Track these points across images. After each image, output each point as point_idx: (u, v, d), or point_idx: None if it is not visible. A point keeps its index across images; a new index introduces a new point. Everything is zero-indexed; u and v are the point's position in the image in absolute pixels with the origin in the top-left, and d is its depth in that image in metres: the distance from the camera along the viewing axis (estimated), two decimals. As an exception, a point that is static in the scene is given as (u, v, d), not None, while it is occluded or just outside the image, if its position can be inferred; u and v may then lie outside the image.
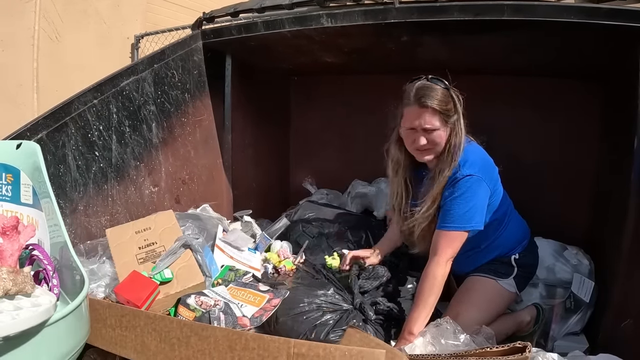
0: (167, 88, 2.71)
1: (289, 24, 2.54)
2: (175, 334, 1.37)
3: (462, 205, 2.12)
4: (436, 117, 2.13)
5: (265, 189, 3.65)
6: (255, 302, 2.04)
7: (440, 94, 2.14)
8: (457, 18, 2.20)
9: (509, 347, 1.10)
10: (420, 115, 2.14)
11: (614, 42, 2.19)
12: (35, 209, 1.49)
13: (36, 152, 1.54)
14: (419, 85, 2.18)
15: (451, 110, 2.17)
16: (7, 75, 5.29)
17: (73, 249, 1.34)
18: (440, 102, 2.12)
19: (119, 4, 6.32)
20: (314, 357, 1.19)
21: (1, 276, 1.10)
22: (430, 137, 2.17)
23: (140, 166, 2.57)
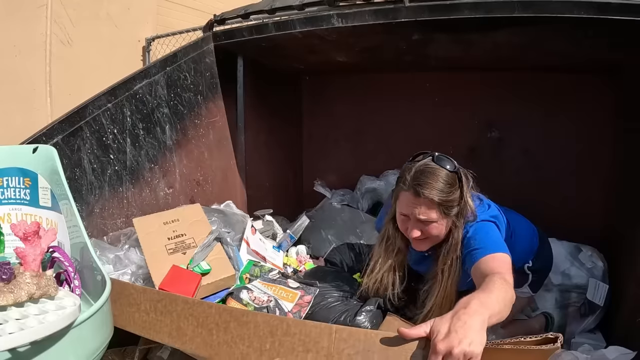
0: (180, 90, 2.73)
1: (299, 24, 2.55)
2: (213, 319, 1.37)
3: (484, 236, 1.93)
4: (434, 210, 1.90)
5: (279, 188, 3.67)
6: (288, 298, 2.10)
7: (443, 181, 1.90)
8: (468, 16, 2.19)
9: (542, 337, 1.11)
10: (415, 204, 1.93)
11: (626, 37, 2.18)
12: (54, 212, 1.51)
13: (53, 155, 1.56)
14: (418, 168, 1.95)
15: (454, 200, 1.93)
16: (21, 80, 5.32)
17: (93, 250, 1.36)
18: (440, 193, 1.89)
19: (130, 7, 6.35)
20: (355, 342, 1.19)
21: (25, 280, 1.12)
22: (425, 228, 1.95)
23: (155, 168, 2.59)
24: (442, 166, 1.92)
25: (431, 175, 1.90)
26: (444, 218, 1.93)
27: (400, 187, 1.98)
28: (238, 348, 1.31)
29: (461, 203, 1.93)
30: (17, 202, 1.51)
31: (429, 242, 2.01)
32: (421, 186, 1.88)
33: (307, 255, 2.76)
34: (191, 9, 7.29)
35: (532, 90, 3.04)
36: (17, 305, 1.10)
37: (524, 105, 3.08)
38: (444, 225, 1.95)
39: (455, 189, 1.92)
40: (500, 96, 3.11)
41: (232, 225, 2.56)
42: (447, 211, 1.91)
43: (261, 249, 2.56)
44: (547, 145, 3.02)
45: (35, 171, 1.54)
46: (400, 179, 2.01)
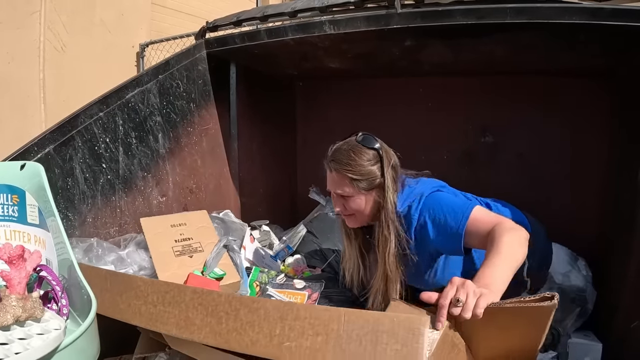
0: (172, 98, 2.72)
1: (291, 31, 2.55)
2: (223, 307, 1.36)
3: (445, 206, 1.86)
4: (346, 184, 1.95)
5: (273, 195, 3.66)
6: (297, 301, 2.12)
7: (356, 156, 1.94)
8: (461, 22, 2.18)
9: (540, 296, 1.14)
10: (331, 180, 2.03)
11: (619, 42, 2.18)
12: (42, 229, 1.50)
13: (40, 172, 1.55)
14: (337, 146, 2.04)
15: (370, 175, 1.94)
16: (14, 86, 5.30)
17: (79, 268, 1.35)
18: (351, 167, 1.93)
19: (124, 13, 6.34)
20: (364, 323, 1.20)
21: (11, 304, 1.12)
22: (346, 203, 2.00)
23: (148, 177, 2.58)
24: (362, 144, 1.98)
25: (345, 151, 1.97)
26: (361, 193, 1.96)
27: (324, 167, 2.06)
28: (247, 335, 1.30)
29: (381, 179, 1.94)
30: (5, 219, 1.50)
31: (357, 218, 2.04)
32: (334, 162, 1.98)
33: (304, 265, 2.75)
34: (185, 15, 7.29)
35: (526, 95, 3.04)
36: (3, 329, 1.09)
37: (518, 109, 3.07)
38: (364, 200, 1.97)
39: (371, 163, 1.95)
40: (494, 101, 3.11)
41: (232, 233, 2.56)
42: (362, 185, 1.94)
43: (258, 258, 2.57)
44: (542, 150, 3.02)
45: (22, 188, 1.53)
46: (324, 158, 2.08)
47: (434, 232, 1.86)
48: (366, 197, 1.97)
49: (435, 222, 1.86)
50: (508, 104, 3.09)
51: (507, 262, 1.45)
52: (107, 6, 6.14)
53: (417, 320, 1.20)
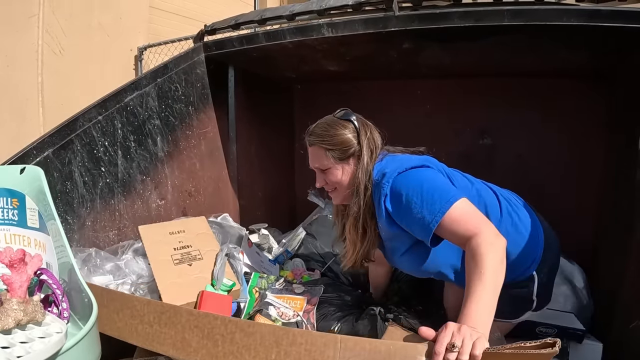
0: (171, 102, 2.72)
1: (290, 34, 2.56)
2: (219, 330, 1.36)
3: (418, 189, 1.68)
4: (322, 155, 1.94)
5: (272, 198, 3.66)
6: (297, 307, 2.12)
7: (330, 127, 1.95)
8: (458, 24, 2.19)
9: (541, 342, 1.12)
10: (310, 155, 2.02)
11: (616, 43, 2.19)
12: (42, 233, 1.51)
13: (39, 176, 1.55)
14: (315, 123, 2.04)
15: (345, 143, 1.92)
16: (13, 90, 5.30)
17: (79, 271, 1.35)
18: (326, 137, 1.94)
19: (122, 17, 6.34)
20: (360, 350, 1.20)
21: (12, 307, 1.12)
22: (326, 177, 1.98)
23: (147, 180, 2.58)
24: (338, 117, 2.01)
25: (321, 125, 1.99)
26: (337, 164, 1.94)
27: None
28: (244, 358, 1.30)
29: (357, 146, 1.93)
30: (5, 223, 1.50)
31: (339, 193, 2.00)
32: (311, 135, 1.99)
33: (303, 269, 2.75)
34: (183, 18, 7.30)
35: (523, 97, 3.04)
36: (4, 332, 1.09)
37: (516, 111, 3.08)
38: (340, 171, 1.95)
39: (345, 133, 1.93)
40: (492, 103, 3.11)
41: (230, 237, 2.56)
42: (335, 155, 1.92)
43: (257, 262, 2.56)
44: (540, 151, 3.02)
45: (22, 192, 1.53)
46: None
47: (404, 213, 1.71)
48: (343, 168, 1.94)
49: (408, 203, 1.68)
50: (506, 106, 3.10)
51: (491, 291, 1.39)
52: (105, 10, 6.14)
53: (414, 348, 1.21)
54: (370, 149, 1.94)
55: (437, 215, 1.60)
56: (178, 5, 7.31)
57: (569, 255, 2.66)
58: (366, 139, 1.94)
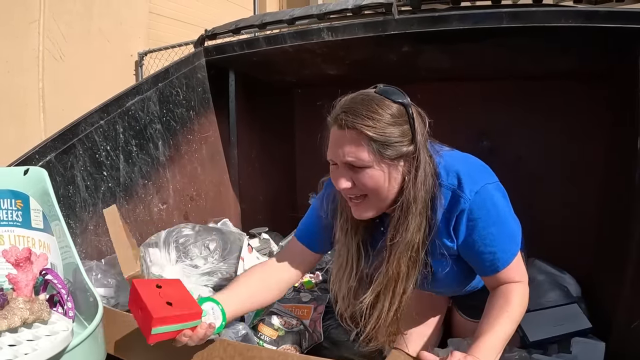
0: (172, 106, 2.74)
1: (290, 38, 2.57)
2: (218, 353, 1.35)
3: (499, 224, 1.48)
4: (363, 147, 1.38)
5: (273, 202, 3.67)
6: (304, 315, 2.10)
7: (379, 110, 1.38)
8: (457, 27, 2.20)
9: None
10: (340, 141, 1.42)
11: (614, 44, 2.20)
12: (47, 233, 1.52)
13: (43, 177, 1.56)
14: (351, 95, 1.49)
15: (398, 138, 1.39)
16: (14, 95, 5.32)
17: (84, 271, 1.36)
18: (373, 122, 1.36)
19: (122, 22, 6.37)
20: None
21: (18, 306, 1.13)
22: (357, 177, 1.42)
23: (148, 184, 2.59)
24: (385, 95, 1.44)
25: (363, 101, 1.42)
26: (382, 162, 1.40)
27: (327, 124, 1.51)
28: None
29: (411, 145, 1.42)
30: (9, 224, 1.51)
31: (369, 203, 1.48)
32: (346, 113, 1.39)
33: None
34: (182, 23, 7.33)
35: (523, 98, 3.05)
36: (11, 331, 1.11)
37: (515, 113, 3.09)
38: (384, 174, 1.42)
39: (400, 122, 1.41)
40: (491, 105, 3.12)
41: (230, 242, 2.56)
42: (384, 151, 1.38)
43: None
44: (540, 154, 3.03)
45: (26, 193, 1.55)
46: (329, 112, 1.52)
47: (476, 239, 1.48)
48: (388, 171, 1.42)
49: (484, 231, 1.47)
50: (505, 108, 3.10)
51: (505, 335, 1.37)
52: (105, 15, 6.17)
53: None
54: (428, 150, 1.50)
55: (509, 259, 1.49)
56: (177, 11, 7.34)
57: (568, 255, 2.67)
58: (423, 137, 1.46)
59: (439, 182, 1.47)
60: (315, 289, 2.45)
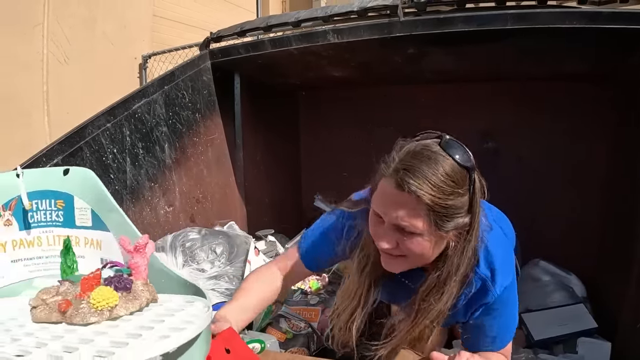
0: (178, 109, 2.74)
1: (295, 41, 2.57)
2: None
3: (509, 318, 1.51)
4: (420, 216, 1.25)
5: (278, 205, 3.67)
6: (312, 317, 2.10)
7: (443, 174, 1.24)
8: (462, 29, 2.21)
9: None
10: (395, 202, 1.27)
11: (618, 45, 2.20)
12: (97, 230, 1.52)
13: (90, 176, 1.57)
14: (413, 147, 1.30)
15: (456, 209, 1.27)
16: (18, 99, 5.33)
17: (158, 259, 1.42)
18: (435, 190, 1.22)
19: (126, 25, 6.38)
20: None
21: (139, 289, 1.20)
22: (403, 241, 1.30)
23: (155, 187, 2.60)
24: (450, 154, 1.27)
25: (428, 161, 1.25)
26: (434, 233, 1.28)
27: (381, 172, 1.33)
28: None
29: (468, 217, 1.31)
30: (48, 225, 1.52)
31: (406, 263, 1.38)
32: (409, 173, 1.23)
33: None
34: (186, 26, 7.34)
35: (527, 100, 3.05)
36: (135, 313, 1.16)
37: (520, 114, 3.09)
38: (432, 243, 1.31)
39: (461, 192, 1.27)
40: (495, 106, 3.12)
41: (237, 245, 2.56)
42: (441, 223, 1.26)
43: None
44: (544, 155, 3.04)
45: (70, 193, 1.55)
46: (385, 160, 1.36)
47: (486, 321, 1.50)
48: (436, 241, 1.32)
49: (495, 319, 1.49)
50: (510, 109, 3.11)
51: None
52: (109, 18, 6.19)
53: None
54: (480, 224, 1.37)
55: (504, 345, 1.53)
56: (181, 14, 7.36)
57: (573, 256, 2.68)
58: (480, 208, 1.35)
59: (475, 267, 1.42)
60: (322, 291, 2.45)
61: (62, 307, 1.11)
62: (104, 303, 1.09)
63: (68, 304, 1.12)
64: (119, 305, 1.12)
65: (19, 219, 1.52)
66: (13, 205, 1.51)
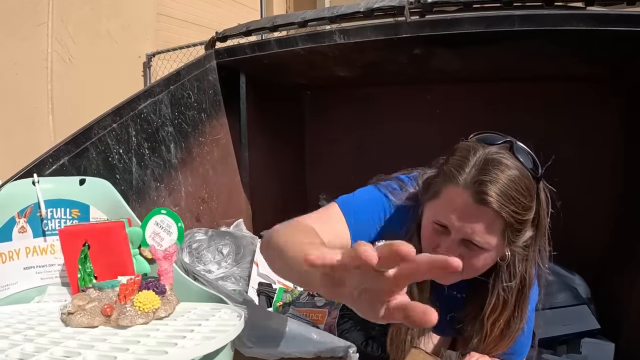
0: (183, 109, 2.74)
1: (301, 41, 2.57)
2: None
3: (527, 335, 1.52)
4: (497, 231, 1.18)
5: (283, 204, 3.67)
6: (319, 319, 2.09)
7: (524, 189, 1.18)
8: (469, 30, 2.20)
9: None
10: (471, 216, 1.18)
11: (625, 48, 2.20)
12: None
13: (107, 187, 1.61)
14: (487, 155, 1.23)
15: (527, 223, 1.22)
16: (23, 98, 5.35)
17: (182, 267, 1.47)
18: (515, 205, 1.16)
19: (130, 24, 6.39)
20: None
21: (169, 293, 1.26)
22: (468, 256, 1.22)
23: (161, 187, 2.60)
24: (523, 162, 1.24)
25: (508, 172, 1.18)
26: (502, 248, 1.24)
27: (448, 178, 1.23)
28: None
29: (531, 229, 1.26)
30: (61, 234, 1.55)
31: (460, 276, 1.28)
32: (491, 186, 1.14)
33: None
34: (190, 24, 7.36)
35: (533, 101, 3.05)
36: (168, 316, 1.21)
37: (524, 115, 3.08)
38: (494, 256, 1.26)
39: (533, 206, 1.24)
40: (500, 107, 3.12)
41: (243, 246, 2.56)
42: (513, 239, 1.21)
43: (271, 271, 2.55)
44: (549, 155, 3.03)
45: (86, 202, 1.57)
46: (448, 163, 1.29)
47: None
48: (498, 253, 1.26)
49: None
50: (515, 110, 3.10)
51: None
52: (113, 17, 6.20)
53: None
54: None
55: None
56: (185, 12, 7.37)
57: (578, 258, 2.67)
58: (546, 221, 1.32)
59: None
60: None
61: (108, 311, 1.15)
62: (150, 306, 1.15)
63: (112, 308, 1.15)
64: (160, 307, 1.18)
65: (34, 226, 1.53)
66: (28, 213, 1.53)
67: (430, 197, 1.28)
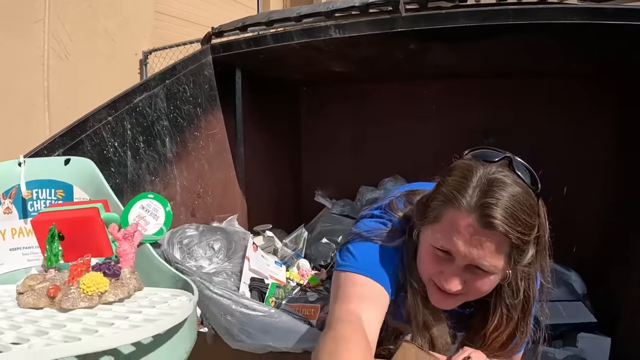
0: (179, 103, 2.74)
1: (297, 36, 2.57)
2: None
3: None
4: (503, 254, 1.15)
5: (279, 199, 3.67)
6: (311, 315, 2.08)
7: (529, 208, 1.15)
8: (464, 24, 2.21)
9: None
10: (478, 240, 1.14)
11: (621, 41, 2.20)
12: None
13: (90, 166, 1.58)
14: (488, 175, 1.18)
15: (530, 242, 1.17)
16: (19, 94, 5.34)
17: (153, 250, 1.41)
18: (523, 228, 1.12)
19: (127, 21, 6.39)
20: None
21: (126, 276, 1.21)
22: (472, 279, 1.21)
23: (156, 181, 2.59)
24: (524, 179, 1.22)
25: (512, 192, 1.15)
26: (508, 269, 1.19)
27: (449, 201, 1.18)
28: None
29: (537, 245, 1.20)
30: (47, 214, 1.54)
31: (463, 299, 1.28)
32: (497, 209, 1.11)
33: (309, 269, 2.76)
34: (187, 22, 7.36)
35: (527, 96, 3.06)
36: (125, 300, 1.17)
37: (520, 111, 3.09)
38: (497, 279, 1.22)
39: (537, 220, 1.19)
40: (496, 102, 3.12)
41: (235, 242, 2.55)
42: (519, 259, 1.17)
43: (263, 266, 2.55)
44: (545, 151, 3.04)
45: (69, 182, 1.56)
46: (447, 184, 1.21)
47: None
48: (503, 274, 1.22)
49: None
50: (510, 106, 3.11)
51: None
52: (110, 14, 6.20)
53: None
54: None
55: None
56: (182, 10, 7.37)
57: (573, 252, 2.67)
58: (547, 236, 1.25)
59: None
60: (321, 287, 2.45)
61: (51, 292, 1.11)
62: (94, 288, 1.10)
63: (57, 289, 1.12)
64: (108, 291, 1.13)
65: (19, 207, 1.53)
66: (13, 194, 1.52)
67: (430, 221, 1.23)
